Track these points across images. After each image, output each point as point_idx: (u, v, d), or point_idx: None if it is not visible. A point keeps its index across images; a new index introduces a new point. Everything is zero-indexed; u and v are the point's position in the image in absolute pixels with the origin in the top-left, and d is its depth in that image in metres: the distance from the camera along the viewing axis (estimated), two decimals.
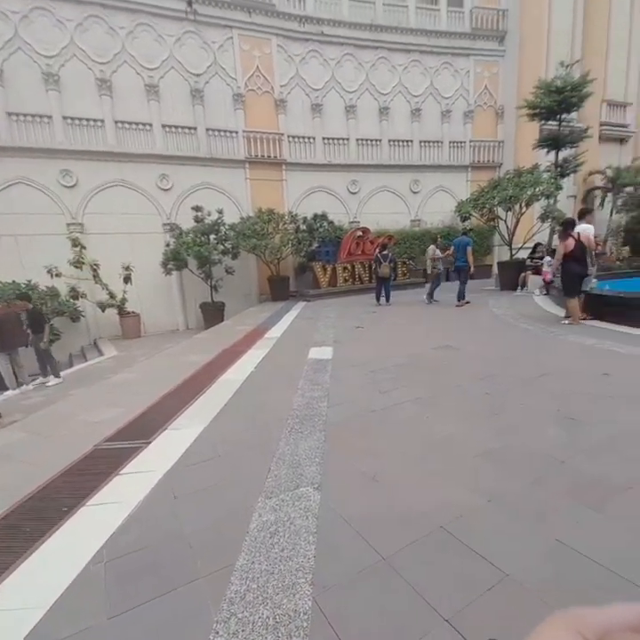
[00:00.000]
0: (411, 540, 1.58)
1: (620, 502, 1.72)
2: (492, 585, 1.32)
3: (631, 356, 3.99)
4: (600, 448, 2.20)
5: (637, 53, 17.06)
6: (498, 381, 3.50)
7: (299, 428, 2.73)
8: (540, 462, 2.10)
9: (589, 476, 1.94)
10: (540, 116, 11.05)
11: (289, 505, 1.86)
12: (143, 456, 2.51)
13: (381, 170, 14.89)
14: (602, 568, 1.37)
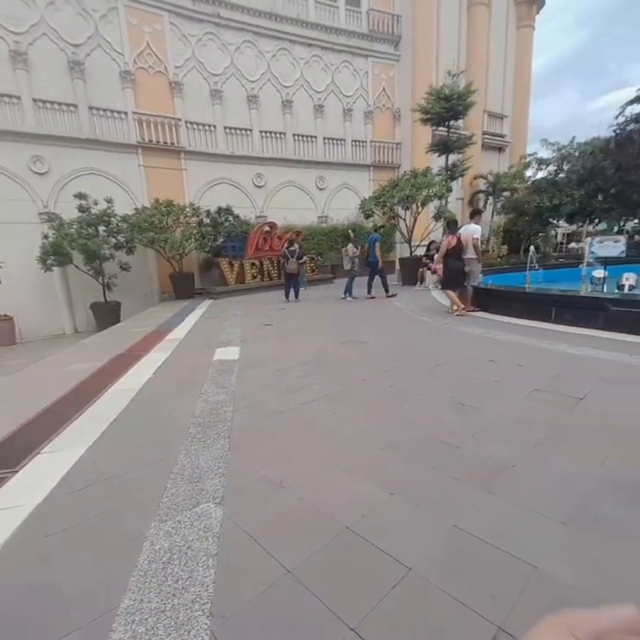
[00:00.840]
0: (318, 547, 1.50)
1: (506, 480, 1.86)
2: (395, 582, 1.31)
3: (511, 342, 4.52)
4: (488, 431, 2.39)
5: (511, 70, 19.63)
6: (400, 373, 3.67)
7: (201, 437, 2.50)
8: (438, 449, 2.20)
9: (480, 458, 2.08)
10: (432, 121, 12.06)
11: (186, 527, 1.65)
12: (7, 488, 2.05)
13: (287, 164, 14.83)
14: (494, 549, 1.45)
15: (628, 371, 3.32)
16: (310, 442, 2.40)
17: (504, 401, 2.84)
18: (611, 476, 1.85)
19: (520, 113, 20.19)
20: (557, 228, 18.54)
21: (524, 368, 3.55)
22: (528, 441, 2.22)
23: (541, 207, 13.67)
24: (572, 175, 13.70)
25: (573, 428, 2.37)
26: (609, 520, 1.56)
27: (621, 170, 12.49)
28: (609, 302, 4.71)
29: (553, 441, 2.22)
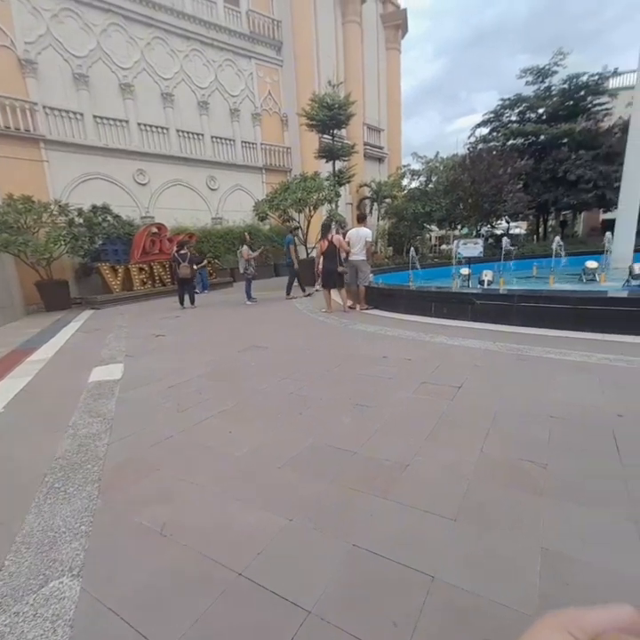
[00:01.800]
0: (201, 609, 1.27)
1: (401, 482, 1.87)
2: (293, 633, 1.15)
3: (400, 338, 4.80)
4: (384, 431, 2.42)
5: (384, 88, 21.44)
6: (300, 378, 3.59)
7: (61, 486, 2.04)
8: (337, 458, 2.14)
9: (377, 462, 2.07)
10: (317, 128, 12.46)
11: (28, 618, 1.27)
12: None
13: (173, 162, 13.83)
14: (392, 564, 1.41)
15: (494, 356, 3.77)
16: (200, 471, 2.13)
17: (397, 397, 2.95)
18: (489, 461, 2.00)
19: (394, 128, 22.28)
20: (431, 231, 20.89)
21: (412, 362, 3.78)
22: (419, 435, 2.31)
23: (417, 213, 15.22)
24: (439, 186, 15.56)
25: (455, 416, 2.54)
26: (493, 506, 1.66)
27: (475, 183, 14.59)
28: (474, 297, 5.36)
29: (439, 432, 2.34)
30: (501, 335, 4.48)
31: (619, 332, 4.05)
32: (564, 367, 3.32)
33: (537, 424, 2.34)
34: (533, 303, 4.78)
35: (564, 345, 3.89)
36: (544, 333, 4.39)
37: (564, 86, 17.84)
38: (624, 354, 3.47)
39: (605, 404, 2.55)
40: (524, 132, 17.87)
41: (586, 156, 15.36)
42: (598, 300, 4.43)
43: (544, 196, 16.71)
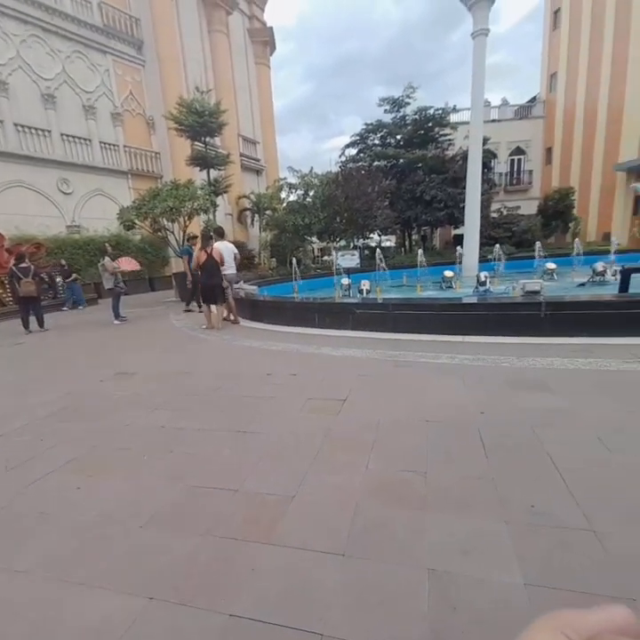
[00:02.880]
0: None
1: (287, 519, 1.68)
2: None
3: (285, 351, 4.67)
4: (268, 459, 2.21)
5: (257, 102, 21.61)
6: (174, 407, 3.14)
7: None
8: (214, 502, 1.84)
9: (260, 497, 1.85)
10: (187, 133, 11.79)
11: None
12: None
13: (9, 159, 11.52)
14: (278, 629, 1.20)
15: (376, 364, 3.90)
16: (28, 551, 1.59)
17: (282, 418, 2.76)
18: (375, 478, 1.94)
19: (269, 141, 22.69)
20: (313, 243, 21.75)
21: (298, 377, 3.66)
22: (305, 460, 2.15)
23: (297, 225, 15.61)
24: (317, 200, 16.28)
25: (340, 433, 2.47)
26: (380, 530, 1.57)
27: (349, 199, 15.68)
28: (354, 306, 5.58)
29: (325, 453, 2.22)
30: (381, 342, 4.70)
31: (475, 334, 4.61)
32: (435, 370, 3.59)
33: (415, 430, 2.41)
34: (406, 310, 5.17)
35: (434, 348, 4.26)
36: (417, 338, 4.76)
37: (416, 117, 20.50)
38: (480, 353, 3.94)
39: (470, 402, 2.78)
40: (387, 156, 19.94)
41: (437, 180, 17.85)
42: (456, 306, 5.01)
43: (407, 212, 18.86)
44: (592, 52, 20.46)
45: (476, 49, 10.78)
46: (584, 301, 4.40)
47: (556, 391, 2.87)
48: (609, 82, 19.84)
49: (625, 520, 1.51)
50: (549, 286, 7.82)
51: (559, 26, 22.45)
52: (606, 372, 3.20)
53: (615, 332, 4.11)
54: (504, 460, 2.00)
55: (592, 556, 1.35)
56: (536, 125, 24.01)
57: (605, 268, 8.50)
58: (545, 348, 3.97)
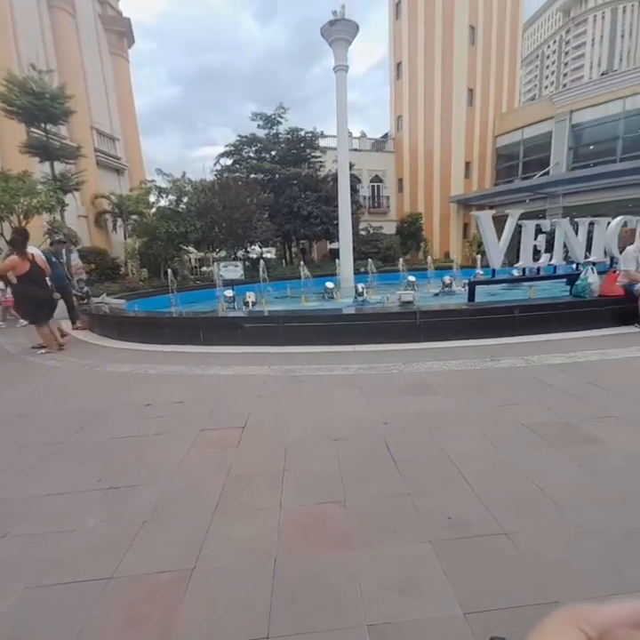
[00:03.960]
0: None
1: (187, 610, 1.30)
2: None
3: (165, 375, 4.07)
4: (155, 523, 1.76)
5: (114, 95, 19.29)
6: (6, 465, 2.35)
7: None
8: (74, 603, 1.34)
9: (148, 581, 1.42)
10: (20, 116, 9.76)
11: None
12: None
13: None
14: None
15: (273, 382, 3.67)
16: None
17: (168, 460, 2.30)
18: (292, 519, 1.71)
19: (132, 140, 20.57)
20: (190, 253, 20.38)
21: (185, 405, 3.19)
22: (203, 513, 1.77)
23: (171, 233, 14.38)
24: (192, 207, 15.32)
25: (244, 468, 2.17)
26: (308, 590, 1.35)
27: (227, 208, 15.20)
28: (243, 320, 5.27)
29: (229, 497, 1.89)
30: (274, 357, 4.50)
31: (364, 343, 4.80)
32: (333, 383, 3.56)
33: (325, 452, 2.28)
34: (297, 322, 5.10)
35: (328, 360, 4.26)
36: (310, 350, 4.71)
37: (289, 136, 21.30)
38: (371, 362, 4.09)
39: (372, 413, 2.80)
40: (263, 169, 20.11)
41: (312, 197, 18.74)
42: (345, 317, 5.17)
43: (286, 226, 19.28)
44: (427, 102, 24.54)
45: (338, 82, 11.79)
46: (449, 309, 5.03)
47: (441, 393, 3.12)
48: (440, 128, 24.07)
49: (523, 515, 1.62)
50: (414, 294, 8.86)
51: (401, 76, 26.30)
52: (474, 371, 3.65)
53: (472, 334, 4.79)
54: (414, 471, 2.01)
55: (511, 562, 1.38)
56: (389, 158, 27.48)
57: (451, 280, 10.07)
58: (423, 352, 4.36)
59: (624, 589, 1.22)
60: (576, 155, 21.44)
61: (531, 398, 2.89)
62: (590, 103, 19.99)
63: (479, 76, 23.51)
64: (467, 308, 5.05)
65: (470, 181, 24.41)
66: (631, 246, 5.09)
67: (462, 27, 22.39)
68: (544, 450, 2.14)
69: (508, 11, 24.32)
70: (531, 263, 6.07)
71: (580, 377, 3.30)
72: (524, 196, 21.48)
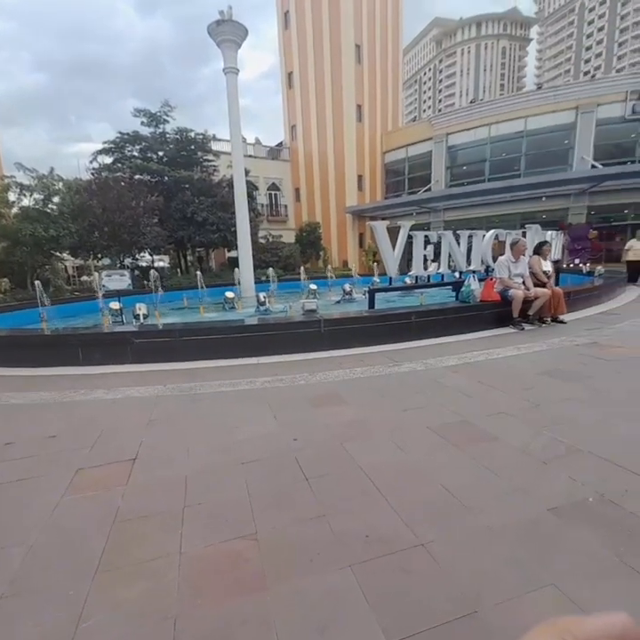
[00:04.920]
0: None
1: None
2: None
3: (34, 404, 3.36)
4: (9, 601, 1.34)
5: None
6: None
7: None
8: None
9: None
10: None
11: None
12: None
13: None
14: None
15: (169, 403, 3.27)
16: None
17: (34, 513, 1.82)
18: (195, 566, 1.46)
19: None
20: (65, 260, 17.72)
21: (59, 439, 2.64)
22: (82, 575, 1.42)
23: (38, 237, 12.30)
24: (65, 209, 13.36)
25: (135, 510, 1.83)
26: None
27: (108, 211, 13.62)
28: (132, 335, 4.67)
29: (114, 551, 1.55)
30: (171, 375, 4.06)
31: (269, 354, 4.63)
32: (238, 399, 3.32)
33: (232, 479, 2.06)
34: (196, 335, 4.70)
35: (231, 374, 3.99)
36: (212, 365, 4.37)
37: (177, 137, 20.01)
38: (277, 374, 3.94)
39: (281, 430, 2.65)
40: (150, 170, 18.50)
41: (207, 202, 17.84)
42: (248, 328, 4.93)
43: (179, 232, 18.00)
44: (319, 113, 25.70)
45: (228, 85, 11.59)
46: (352, 317, 5.18)
47: (349, 402, 3.13)
48: (333, 141, 25.39)
49: (436, 522, 1.64)
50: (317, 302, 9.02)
51: (293, 86, 27.09)
52: (379, 377, 3.77)
53: (375, 340, 5.00)
54: (328, 489, 1.92)
55: (430, 576, 1.36)
56: (285, 167, 27.98)
57: (351, 288, 10.56)
58: (329, 361, 4.39)
59: (533, 586, 1.28)
60: (452, 174, 24.57)
61: (432, 400, 3.07)
62: (462, 128, 23.11)
63: (367, 93, 25.45)
64: (369, 315, 5.27)
65: (363, 194, 26.19)
66: (502, 256, 5.92)
67: (349, 44, 23.97)
68: (448, 451, 2.25)
69: (390, 33, 26.81)
70: (422, 271, 6.65)
71: (471, 377, 3.64)
72: (412, 209, 23.85)
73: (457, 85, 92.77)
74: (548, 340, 4.87)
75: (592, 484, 1.83)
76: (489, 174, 22.73)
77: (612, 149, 20.10)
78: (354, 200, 25.44)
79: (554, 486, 1.85)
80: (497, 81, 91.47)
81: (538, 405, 2.84)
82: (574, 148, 20.48)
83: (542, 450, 2.19)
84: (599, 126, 19.98)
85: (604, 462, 2.03)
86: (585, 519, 1.60)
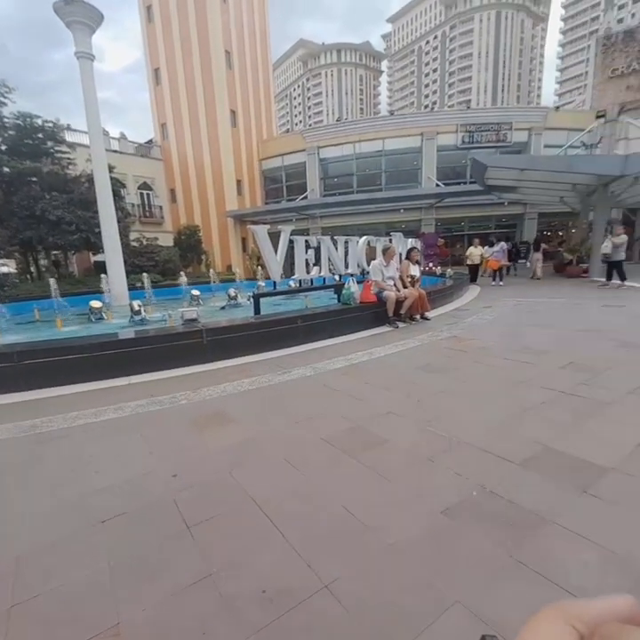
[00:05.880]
0: None
1: None
2: None
3: None
4: None
5: None
6: None
7: None
8: None
9: None
10: None
11: None
12: None
13: None
14: None
15: (7, 448, 2.50)
16: None
17: None
18: None
19: None
20: None
21: None
22: None
23: None
24: None
25: None
26: None
27: None
28: None
29: None
30: (8, 411, 3.15)
31: (143, 372, 4.01)
32: (101, 432, 2.71)
33: (86, 549, 1.57)
34: (43, 357, 3.76)
35: (93, 401, 3.29)
36: (67, 391, 3.56)
37: (20, 122, 16.70)
38: (153, 395, 3.40)
39: (158, 465, 2.21)
40: None
41: (61, 199, 15.10)
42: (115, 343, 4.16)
43: (27, 233, 14.88)
44: (191, 114, 24.41)
45: (82, 71, 10.33)
46: (237, 325, 4.85)
47: (238, 419, 2.84)
48: (208, 144, 24.40)
49: (338, 553, 1.50)
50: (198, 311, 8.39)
51: (161, 82, 25.24)
52: (268, 387, 3.55)
53: (262, 348, 4.78)
54: (215, 537, 1.61)
55: (338, 624, 1.19)
56: (157, 166, 25.78)
57: (236, 293, 10.16)
58: (214, 374, 4.01)
59: (440, 609, 1.20)
60: (326, 184, 26.01)
61: (323, 408, 2.99)
62: (331, 143, 24.69)
63: (240, 99, 25.14)
64: (254, 322, 5.01)
65: (243, 198, 25.74)
66: (375, 260, 6.33)
67: (218, 49, 23.45)
68: (344, 462, 2.15)
69: (258, 43, 27.08)
70: (304, 275, 6.68)
71: (358, 378, 3.70)
72: (291, 215, 24.38)
73: (324, 104, 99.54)
74: (418, 336, 5.35)
75: (474, 477, 1.94)
76: (357, 187, 24.89)
77: (449, 172, 24.03)
78: (234, 204, 24.83)
79: (443, 485, 1.90)
80: (357, 104, 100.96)
81: (419, 401, 3.00)
82: (422, 168, 23.88)
83: (428, 447, 2.27)
84: (440, 152, 23.71)
85: (480, 452, 2.19)
86: (474, 517, 1.65)
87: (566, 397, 2.91)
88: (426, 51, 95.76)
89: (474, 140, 23.36)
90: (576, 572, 1.34)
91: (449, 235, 24.32)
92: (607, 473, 1.91)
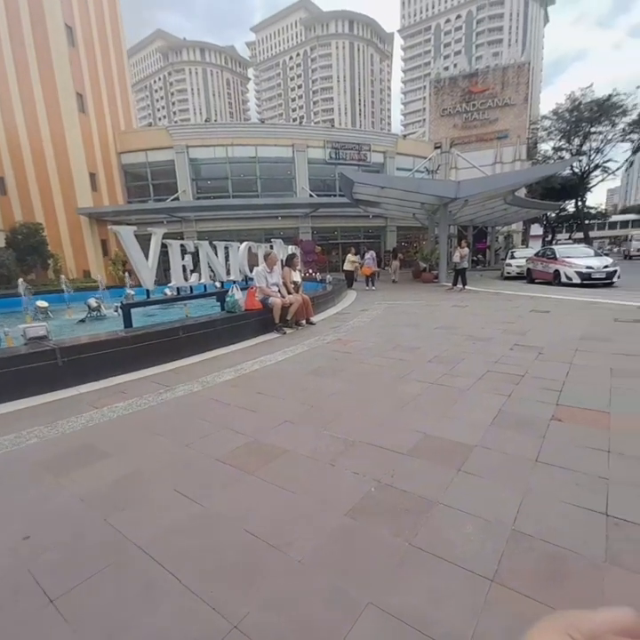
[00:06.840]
0: None
1: None
2: None
3: None
4: None
5: None
6: None
7: None
8: None
9: None
10: None
11: None
12: None
13: None
14: None
15: None
16: None
17: None
18: None
19: None
20: None
21: None
22: None
23: None
24: None
25: None
26: None
27: None
28: None
29: None
30: None
31: None
32: None
33: None
34: None
35: None
36: None
37: None
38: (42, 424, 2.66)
39: (4, 527, 1.72)
40: None
41: None
42: None
43: None
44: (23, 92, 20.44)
45: None
46: (103, 340, 4.16)
47: (111, 453, 2.42)
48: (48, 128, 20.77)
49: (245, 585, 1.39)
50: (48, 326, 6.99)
51: None
52: (149, 409, 3.14)
53: (137, 365, 4.24)
54: (92, 601, 1.31)
55: None
56: None
57: (99, 303, 8.85)
58: (75, 401, 3.37)
59: (355, 613, 1.19)
60: (199, 186, 24.82)
61: (216, 425, 2.77)
62: (201, 143, 23.70)
63: (88, 82, 22.15)
64: (125, 336, 4.40)
65: (100, 195, 22.70)
66: (259, 267, 6.24)
67: (56, 22, 20.33)
68: (244, 481, 2.02)
69: (108, 22, 24.31)
70: (183, 282, 6.19)
71: (249, 388, 3.55)
72: (162, 217, 22.47)
73: (190, 102, 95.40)
74: (306, 340, 5.48)
75: (371, 473, 2.04)
76: (232, 191, 24.51)
77: (321, 184, 25.66)
78: (89, 201, 21.67)
79: (344, 487, 1.94)
80: (227, 107, 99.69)
81: (312, 407, 3.05)
82: (296, 178, 24.89)
83: (327, 451, 2.31)
84: (311, 164, 25.11)
85: (373, 448, 2.32)
86: (374, 512, 1.73)
87: (436, 387, 3.33)
88: (290, 66, 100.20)
89: (339, 157, 25.39)
90: (461, 545, 1.51)
91: (325, 243, 25.85)
92: (473, 450, 2.23)
